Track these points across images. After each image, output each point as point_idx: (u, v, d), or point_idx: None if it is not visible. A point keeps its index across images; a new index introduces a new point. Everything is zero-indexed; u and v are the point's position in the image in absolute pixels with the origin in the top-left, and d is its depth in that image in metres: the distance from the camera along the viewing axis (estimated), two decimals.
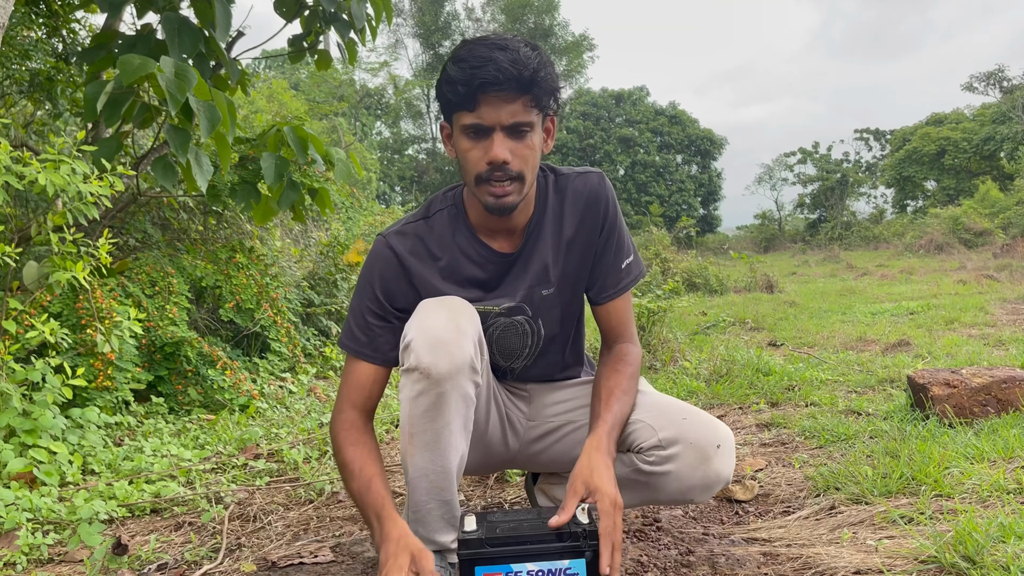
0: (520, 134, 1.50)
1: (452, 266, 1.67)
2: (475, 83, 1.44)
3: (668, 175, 41.33)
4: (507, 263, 1.69)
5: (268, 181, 3.70)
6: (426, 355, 1.46)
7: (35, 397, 2.85)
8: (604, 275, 1.74)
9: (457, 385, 1.49)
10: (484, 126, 1.48)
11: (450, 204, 1.71)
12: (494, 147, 1.48)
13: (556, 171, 1.74)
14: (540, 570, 1.35)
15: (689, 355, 5.00)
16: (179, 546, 2.17)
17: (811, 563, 1.76)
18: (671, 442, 1.60)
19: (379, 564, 1.42)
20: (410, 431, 1.53)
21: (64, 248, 3.00)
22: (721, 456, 1.60)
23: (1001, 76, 35.54)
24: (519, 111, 1.48)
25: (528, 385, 1.86)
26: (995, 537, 1.70)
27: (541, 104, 1.51)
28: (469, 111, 1.48)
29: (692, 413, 1.65)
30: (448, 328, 1.48)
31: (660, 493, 1.64)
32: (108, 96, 3.06)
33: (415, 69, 40.23)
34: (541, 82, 1.47)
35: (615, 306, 1.78)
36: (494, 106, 1.46)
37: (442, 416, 1.50)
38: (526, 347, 1.77)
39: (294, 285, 5.74)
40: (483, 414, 1.73)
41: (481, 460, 1.84)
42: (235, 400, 3.97)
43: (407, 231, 1.69)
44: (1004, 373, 2.99)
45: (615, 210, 1.73)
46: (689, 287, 11.40)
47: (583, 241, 1.71)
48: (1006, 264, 12.58)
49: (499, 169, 1.50)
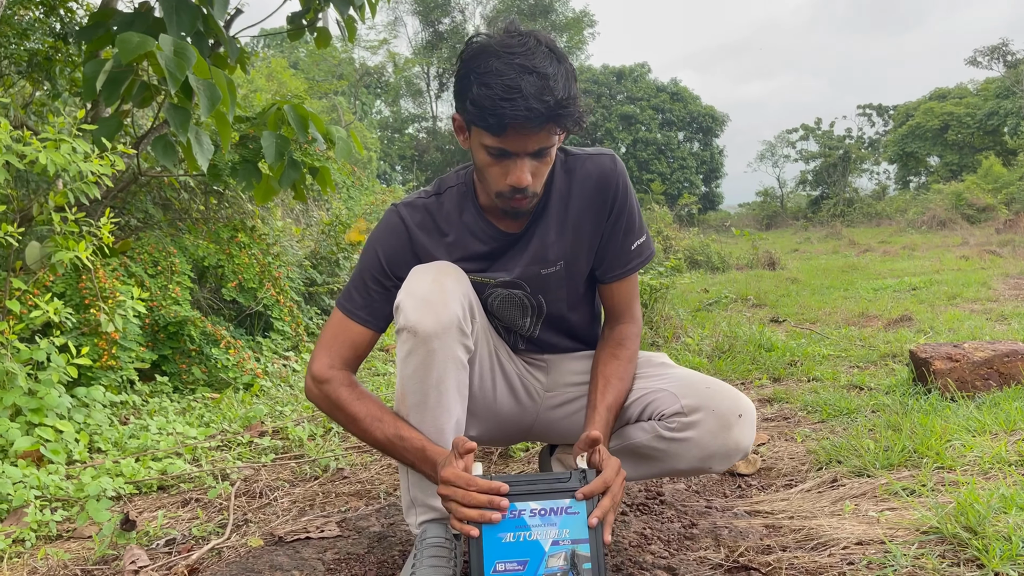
0: (541, 156, 1.51)
1: (458, 243, 1.69)
2: (504, 119, 1.41)
3: (670, 152, 41.21)
4: (509, 241, 1.70)
5: (269, 160, 3.69)
6: (412, 314, 1.50)
7: (40, 376, 2.87)
8: (612, 256, 1.75)
9: (445, 344, 1.51)
10: (509, 152, 1.48)
11: (461, 183, 1.71)
12: (518, 172, 1.49)
13: (567, 152, 1.73)
14: (543, 508, 1.39)
15: (691, 332, 5.01)
16: (186, 522, 2.19)
17: (813, 534, 1.77)
18: (693, 409, 1.61)
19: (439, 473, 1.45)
20: (402, 392, 1.57)
21: (66, 228, 3.00)
22: (742, 425, 1.61)
23: (1005, 50, 35.29)
24: (544, 139, 1.47)
25: (545, 355, 1.88)
26: (996, 508, 1.71)
27: (565, 127, 1.50)
28: (495, 135, 1.46)
29: (715, 384, 1.67)
30: (433, 288, 1.52)
31: (680, 461, 1.65)
32: (107, 75, 3.04)
33: (415, 47, 39.96)
34: (566, 110, 1.45)
35: (621, 286, 1.79)
36: (520, 136, 1.45)
37: (431, 375, 1.53)
38: (527, 318, 1.79)
39: (296, 264, 5.74)
40: (489, 383, 1.76)
41: (497, 430, 1.86)
42: (239, 379, 3.99)
43: (418, 204, 1.70)
44: (1006, 347, 2.99)
45: (626, 192, 1.72)
46: (691, 264, 11.40)
47: (590, 223, 1.71)
48: (1009, 239, 12.56)
49: (519, 191, 1.52)
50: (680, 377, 1.71)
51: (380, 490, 2.38)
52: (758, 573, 1.62)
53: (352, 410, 1.61)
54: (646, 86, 42.18)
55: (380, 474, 2.56)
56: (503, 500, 1.37)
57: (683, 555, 1.75)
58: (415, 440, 1.53)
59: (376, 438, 1.58)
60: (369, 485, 2.44)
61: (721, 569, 1.65)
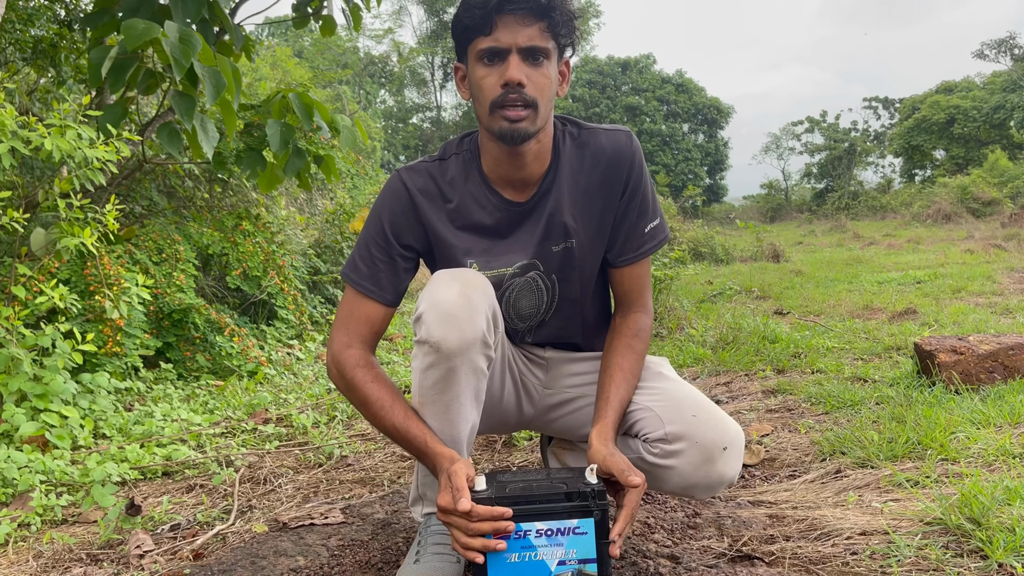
0: (536, 60, 1.49)
1: (461, 210, 1.63)
2: (492, 3, 1.44)
3: (674, 144, 41.11)
4: (518, 213, 1.64)
5: (273, 148, 3.69)
6: (436, 329, 1.44)
7: (45, 362, 2.88)
8: (625, 238, 1.69)
9: (468, 359, 1.47)
10: (500, 48, 1.47)
11: (465, 150, 1.67)
12: (510, 68, 1.47)
13: (580, 125, 1.68)
14: (549, 529, 1.36)
15: (696, 323, 5.00)
16: (191, 507, 2.20)
17: (817, 524, 1.78)
18: (677, 437, 1.55)
19: (438, 479, 1.44)
20: (420, 400, 1.53)
21: (71, 215, 3.00)
22: (726, 459, 1.55)
23: (1013, 43, 35.11)
24: (535, 35, 1.47)
25: (547, 352, 1.82)
26: (1001, 500, 1.71)
27: (557, 32, 1.49)
28: (485, 35, 1.47)
29: (704, 410, 1.59)
30: (459, 303, 1.46)
31: (662, 484, 1.61)
32: (112, 61, 3.04)
33: (419, 37, 39.81)
34: (559, 7, 1.47)
35: (633, 271, 1.72)
36: (510, 28, 1.46)
37: (451, 389, 1.49)
38: (542, 303, 1.72)
39: (300, 253, 5.74)
40: (498, 383, 1.73)
41: (494, 423, 1.84)
42: (243, 366, 4.00)
43: (420, 168, 1.67)
44: (1011, 340, 2.99)
45: (640, 170, 1.67)
46: (695, 256, 11.38)
47: (603, 200, 1.65)
48: (1014, 233, 12.51)
49: (514, 91, 1.48)
50: (670, 397, 1.64)
51: (384, 478, 2.39)
52: (761, 562, 1.62)
53: (364, 393, 1.56)
54: (651, 77, 42.04)
55: (384, 462, 2.56)
56: (508, 524, 1.33)
57: (686, 544, 1.76)
58: (417, 439, 1.50)
59: (383, 425, 1.55)
60: (373, 473, 2.45)
61: (724, 558, 1.65)
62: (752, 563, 1.62)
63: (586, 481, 1.39)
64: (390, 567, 1.70)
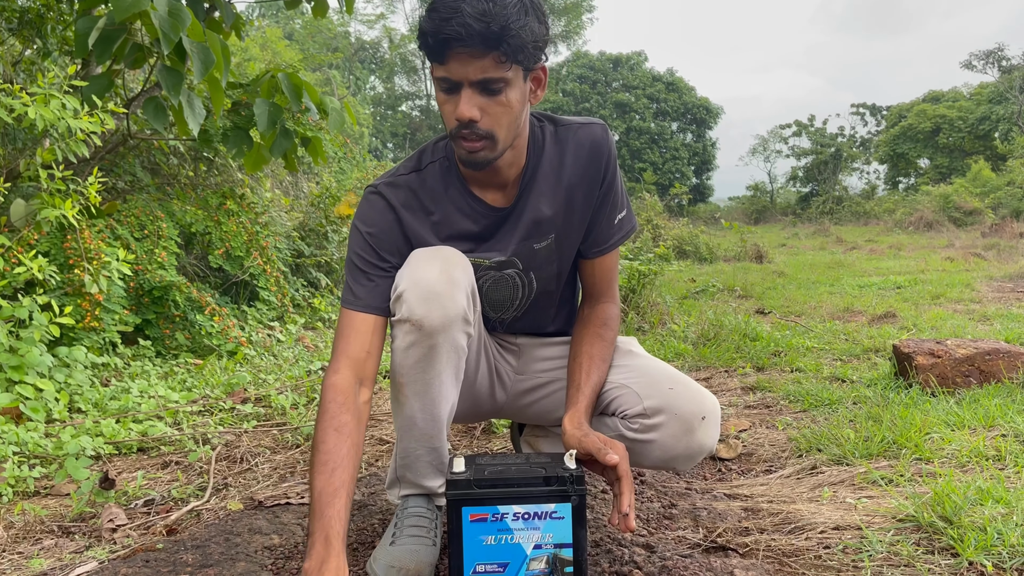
0: (490, 91, 1.42)
1: (445, 221, 1.62)
2: (440, 37, 1.36)
3: (663, 142, 41.18)
4: (500, 217, 1.64)
5: (261, 128, 3.65)
6: (418, 307, 1.44)
7: (22, 334, 2.84)
8: (598, 230, 1.70)
9: (449, 337, 1.47)
10: (452, 80, 1.41)
11: (441, 156, 1.64)
12: (461, 104, 1.42)
13: (557, 121, 1.67)
14: (526, 512, 1.36)
15: (677, 318, 5.02)
16: (166, 483, 2.19)
17: (791, 518, 1.79)
18: (656, 411, 1.58)
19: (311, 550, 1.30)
20: (399, 380, 1.52)
21: (53, 186, 2.96)
22: (705, 428, 1.58)
23: (1001, 55, 35.44)
24: (489, 67, 1.39)
25: (518, 339, 1.84)
26: (973, 500, 1.73)
27: (516, 59, 1.40)
28: (440, 64, 1.41)
29: (680, 383, 1.62)
30: (441, 280, 1.45)
31: (643, 459, 1.63)
32: (99, 32, 2.99)
33: (411, 24, 39.61)
34: (512, 37, 1.36)
35: (603, 262, 1.74)
36: (461, 61, 1.38)
37: (433, 367, 1.49)
38: (516, 299, 1.74)
39: (284, 235, 5.71)
40: (473, 364, 1.72)
41: (468, 409, 1.84)
42: (223, 346, 3.97)
43: (400, 183, 1.62)
44: (988, 345, 3.02)
45: (615, 163, 1.69)
46: (679, 254, 11.43)
47: (584, 194, 1.66)
48: (994, 243, 12.65)
49: (466, 127, 1.44)
50: (645, 372, 1.66)
51: (361, 460, 2.38)
52: (735, 553, 1.63)
53: (318, 437, 1.44)
54: (642, 75, 42.07)
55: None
56: None
57: (661, 534, 1.76)
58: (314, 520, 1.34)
59: (311, 478, 1.42)
60: None
61: (699, 548, 1.66)
62: (726, 554, 1.63)
63: (565, 466, 1.39)
64: (366, 548, 1.70)
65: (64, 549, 1.74)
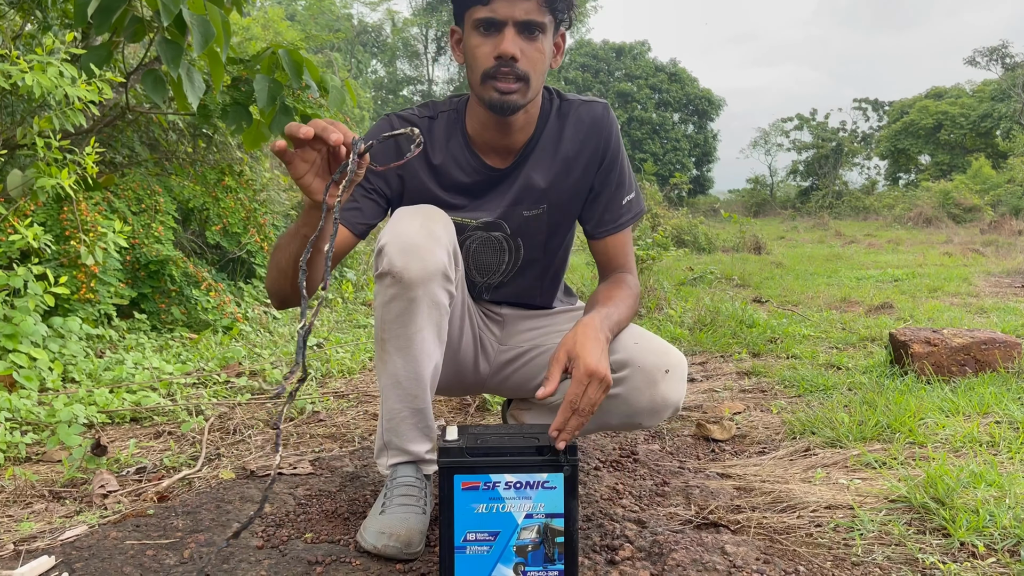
0: (531, 34, 1.49)
1: (440, 169, 1.66)
2: None
3: (664, 133, 41.12)
4: (494, 177, 1.67)
5: (260, 104, 3.62)
6: (398, 259, 1.45)
7: (16, 303, 2.83)
8: (603, 209, 1.72)
9: (429, 291, 1.48)
10: (496, 20, 1.47)
11: (452, 109, 1.69)
12: (504, 42, 1.47)
13: (562, 96, 1.71)
14: (518, 481, 1.35)
15: (675, 304, 5.02)
16: (158, 452, 2.18)
17: (783, 497, 1.79)
18: (621, 365, 1.58)
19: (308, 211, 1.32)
20: (382, 336, 1.53)
21: (50, 155, 2.94)
22: (669, 381, 1.57)
23: (1004, 52, 35.35)
24: (533, 9, 1.47)
25: (503, 309, 1.85)
26: (966, 483, 1.73)
27: (555, 7, 1.49)
28: (483, 4, 1.47)
29: (644, 338, 1.62)
30: (421, 234, 1.47)
31: (610, 416, 1.62)
32: (99, 2, 2.97)
33: (414, 8, 39.46)
34: None
35: (615, 240, 1.74)
36: (509, 0, 1.46)
37: (414, 321, 1.50)
38: (503, 263, 1.75)
39: (282, 214, 5.68)
40: (457, 330, 1.73)
41: (452, 378, 1.83)
42: (219, 321, 3.96)
43: (412, 120, 1.67)
44: (984, 335, 3.02)
45: (618, 143, 1.70)
46: (678, 243, 11.40)
47: (580, 169, 1.68)
48: (992, 240, 12.65)
49: (507, 64, 1.49)
50: None
51: (355, 434, 2.38)
52: (727, 530, 1.63)
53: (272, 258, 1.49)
54: (645, 65, 41.96)
55: (356, 419, 2.55)
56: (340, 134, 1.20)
57: (653, 510, 1.76)
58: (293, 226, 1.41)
59: (277, 254, 1.47)
60: (344, 429, 2.44)
61: (690, 525, 1.66)
62: (718, 530, 1.63)
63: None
64: (357, 518, 1.70)
65: (54, 513, 1.74)
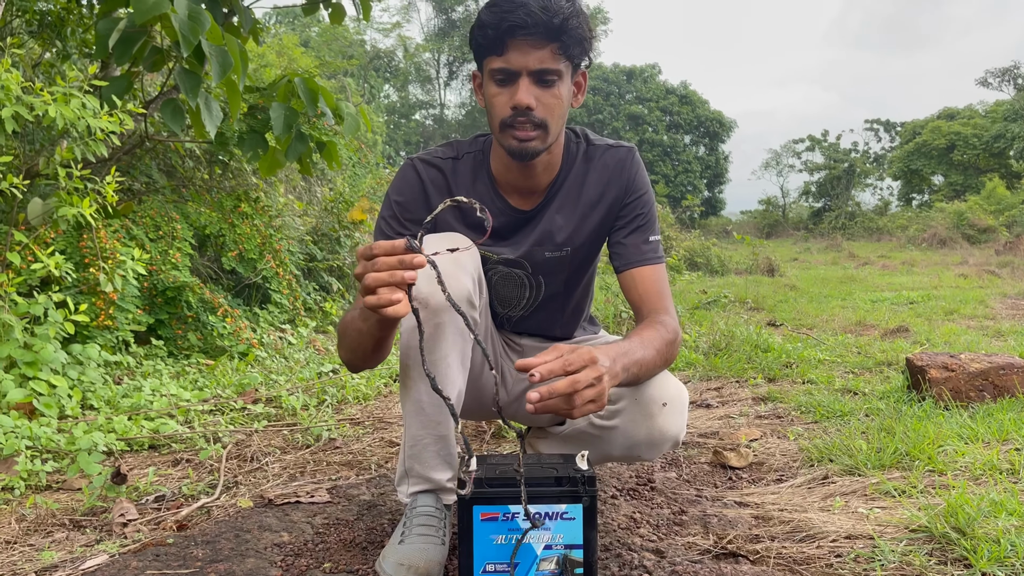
0: (547, 82, 1.51)
1: (467, 209, 1.67)
2: (504, 26, 1.45)
3: (675, 155, 41.17)
4: (518, 219, 1.69)
5: (276, 132, 3.68)
6: (425, 285, 1.46)
7: (37, 331, 2.86)
8: (629, 247, 1.69)
9: (454, 317, 1.49)
10: (511, 71, 1.49)
11: (477, 151, 1.71)
12: (519, 92, 1.49)
13: (589, 140, 1.73)
14: (537, 512, 1.35)
15: (689, 328, 5.01)
16: (177, 480, 2.19)
17: (802, 527, 1.78)
18: (618, 397, 1.58)
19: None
20: (407, 363, 1.54)
21: (71, 184, 2.99)
22: (667, 414, 1.56)
23: (1017, 72, 35.31)
24: (547, 58, 1.48)
25: (523, 340, 1.87)
26: (986, 512, 1.71)
27: (570, 53, 1.50)
28: (497, 55, 1.49)
29: None
30: (447, 260, 1.48)
31: (611, 447, 1.64)
32: (120, 33, 3.03)
33: (427, 33, 39.86)
34: (571, 30, 1.47)
35: (641, 275, 1.67)
36: (522, 51, 1.47)
37: (439, 347, 1.51)
38: (524, 298, 1.78)
39: (297, 239, 5.73)
40: (480, 355, 1.74)
41: (473, 404, 1.84)
42: (235, 347, 3.98)
43: (435, 163, 1.69)
44: (1002, 360, 3.00)
45: (644, 184, 1.71)
46: (691, 266, 11.40)
47: (603, 211, 1.70)
48: (1008, 261, 12.55)
49: (523, 114, 1.50)
50: None
51: (372, 461, 2.38)
52: (746, 560, 1.62)
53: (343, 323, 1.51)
54: (655, 87, 42.11)
55: (372, 446, 2.56)
56: (416, 258, 1.20)
57: (671, 539, 1.76)
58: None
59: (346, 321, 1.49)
60: (361, 456, 2.44)
61: (709, 555, 1.66)
62: (737, 560, 1.62)
63: (577, 467, 1.39)
64: (375, 547, 1.70)
65: (75, 542, 1.75)
